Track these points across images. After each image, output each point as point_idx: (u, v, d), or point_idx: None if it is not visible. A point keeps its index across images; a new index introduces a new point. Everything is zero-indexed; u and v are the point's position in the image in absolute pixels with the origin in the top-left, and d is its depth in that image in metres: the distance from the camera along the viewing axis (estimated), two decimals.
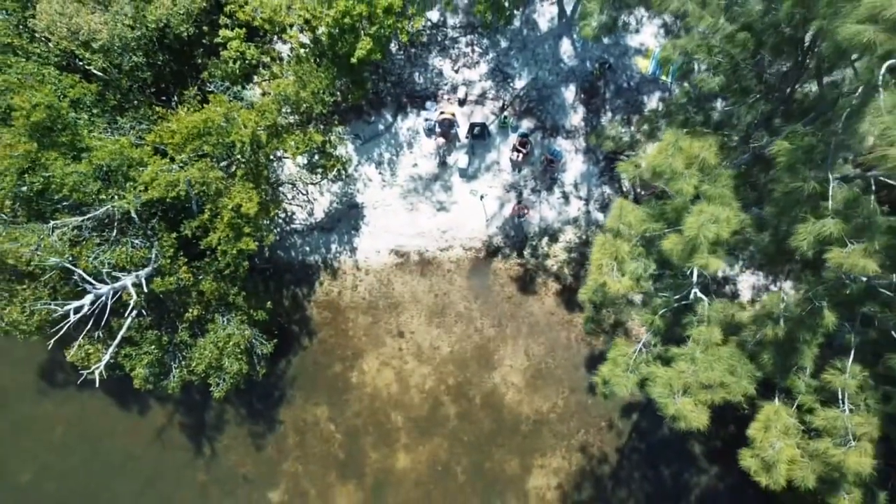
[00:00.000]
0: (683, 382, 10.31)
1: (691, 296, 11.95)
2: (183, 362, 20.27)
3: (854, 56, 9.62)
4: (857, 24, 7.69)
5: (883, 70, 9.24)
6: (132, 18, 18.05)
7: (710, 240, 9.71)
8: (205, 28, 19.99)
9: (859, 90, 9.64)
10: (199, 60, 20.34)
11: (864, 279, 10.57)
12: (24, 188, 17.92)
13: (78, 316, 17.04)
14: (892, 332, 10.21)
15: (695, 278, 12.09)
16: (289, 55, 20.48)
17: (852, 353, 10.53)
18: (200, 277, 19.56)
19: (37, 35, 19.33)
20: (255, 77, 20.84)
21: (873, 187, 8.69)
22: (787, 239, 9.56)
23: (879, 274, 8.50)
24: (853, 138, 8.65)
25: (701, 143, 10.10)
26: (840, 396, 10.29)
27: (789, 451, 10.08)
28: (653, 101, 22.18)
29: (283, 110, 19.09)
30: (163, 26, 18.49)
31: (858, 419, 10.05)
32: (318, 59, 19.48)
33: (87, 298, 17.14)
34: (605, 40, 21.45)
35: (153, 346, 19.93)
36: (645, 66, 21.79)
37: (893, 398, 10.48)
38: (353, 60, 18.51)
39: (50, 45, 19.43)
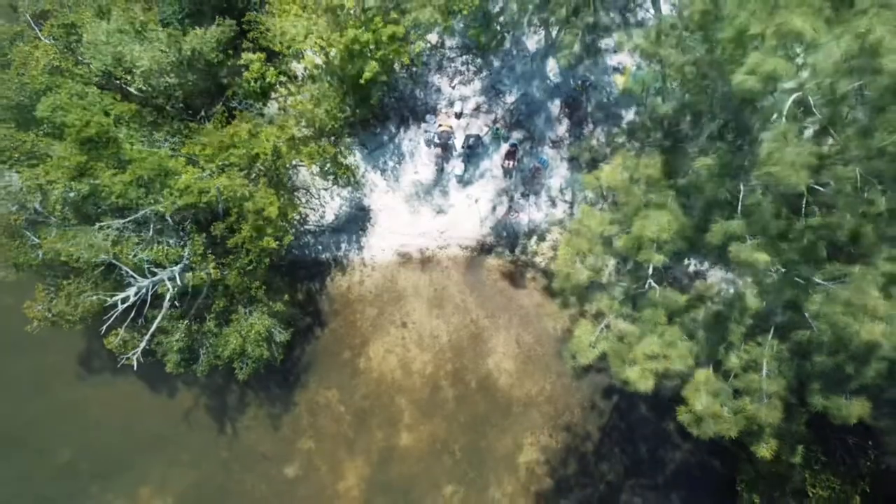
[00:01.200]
0: (633, 354, 12.77)
1: (646, 285, 14.47)
2: (210, 349, 22.81)
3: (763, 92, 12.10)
4: (743, 76, 10.13)
5: (789, 103, 11.73)
6: (167, 45, 20.59)
7: (651, 239, 12.18)
8: (229, 51, 22.53)
9: (771, 118, 12.10)
10: (225, 80, 22.87)
11: (783, 270, 13.04)
12: (72, 194, 20.49)
13: (125, 305, 19.56)
14: (804, 313, 12.65)
15: (650, 270, 14.59)
16: (303, 75, 23.01)
17: (772, 329, 12.96)
18: (226, 273, 22.09)
19: (80, 58, 21.93)
20: (273, 94, 23.38)
21: (769, 197, 11.13)
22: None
23: (769, 265, 10.94)
24: (756, 157, 11.09)
25: (646, 162, 12.57)
26: (760, 365, 12.72)
27: (715, 407, 12.54)
28: (630, 114, 24.65)
29: (300, 125, 21.63)
30: (195, 52, 21.03)
31: (771, 381, 12.47)
32: (330, 79, 22.02)
33: (131, 290, 19.69)
34: (586, 61, 23.92)
35: (183, 335, 22.51)
36: (622, 82, 24.27)
37: (804, 366, 12.91)
38: (362, 81, 21.02)
39: (91, 66, 22.02)
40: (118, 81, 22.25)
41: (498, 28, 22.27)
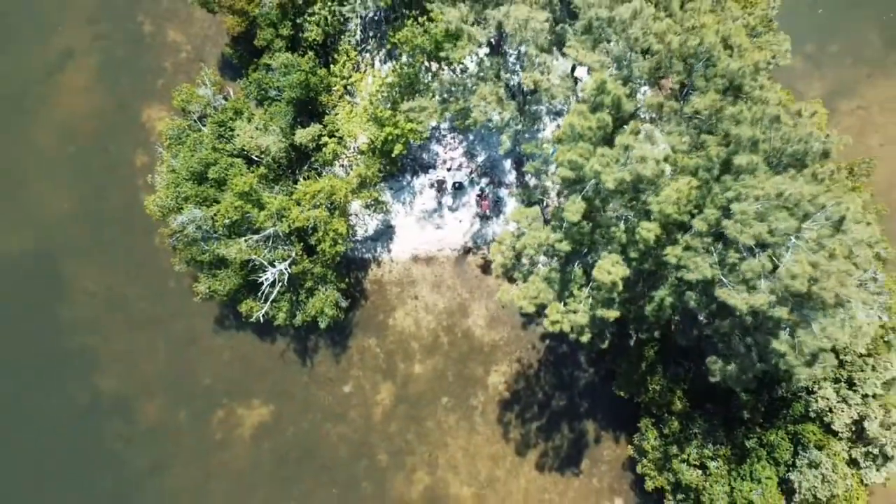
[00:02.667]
0: (522, 293, 28.34)
1: (532, 263, 30.20)
2: (302, 310, 38.52)
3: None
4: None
5: (589, 185, 27.52)
6: (284, 137, 36.51)
7: (531, 245, 27.93)
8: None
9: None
10: (311, 153, 38.73)
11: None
12: (227, 221, 36.31)
13: (268, 285, 35.38)
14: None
15: (538, 258, 30.29)
16: (356, 150, 38.89)
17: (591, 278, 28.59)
18: (313, 265, 37.85)
19: (229, 141, 37.84)
20: (337, 161, 39.28)
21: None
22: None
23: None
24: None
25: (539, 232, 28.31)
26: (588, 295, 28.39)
27: (563, 321, 27.87)
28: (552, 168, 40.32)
29: (356, 179, 37.51)
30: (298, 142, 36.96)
31: (596, 303, 28.00)
32: (373, 153, 37.91)
33: (268, 275, 35.51)
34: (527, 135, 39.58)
35: (287, 303, 38.29)
36: (548, 149, 39.91)
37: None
38: (393, 155, 36.89)
39: (232, 144, 37.89)
40: (247, 152, 38.10)
41: (472, 119, 38.02)
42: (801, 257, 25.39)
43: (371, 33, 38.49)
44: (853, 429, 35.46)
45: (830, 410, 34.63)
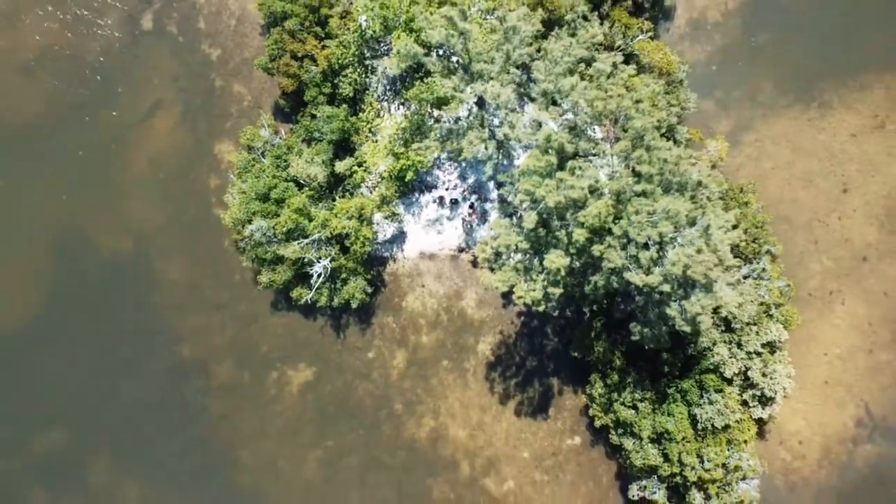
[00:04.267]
0: (499, 278, 41.28)
1: (505, 256, 43.54)
2: (339, 294, 51.74)
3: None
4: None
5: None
6: (325, 167, 49.82)
7: (505, 245, 41.05)
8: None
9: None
10: (345, 178, 52.02)
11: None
12: (286, 228, 49.53)
13: (317, 276, 48.69)
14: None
15: (511, 252, 43.61)
16: (379, 175, 52.23)
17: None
18: (346, 261, 51.11)
19: (285, 170, 51.16)
20: (363, 184, 52.62)
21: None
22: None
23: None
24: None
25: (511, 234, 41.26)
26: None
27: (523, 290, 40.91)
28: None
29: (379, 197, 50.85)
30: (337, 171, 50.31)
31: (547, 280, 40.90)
32: (390, 178, 51.24)
33: (317, 268, 48.81)
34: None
35: (327, 290, 51.55)
36: (516, 178, 53.16)
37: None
38: (405, 180, 50.20)
39: (287, 172, 51.16)
40: (299, 179, 51.32)
41: (464, 153, 51.25)
42: (678, 251, 38.73)
43: (389, 89, 51.82)
44: (742, 378, 48.82)
45: (724, 363, 47.89)
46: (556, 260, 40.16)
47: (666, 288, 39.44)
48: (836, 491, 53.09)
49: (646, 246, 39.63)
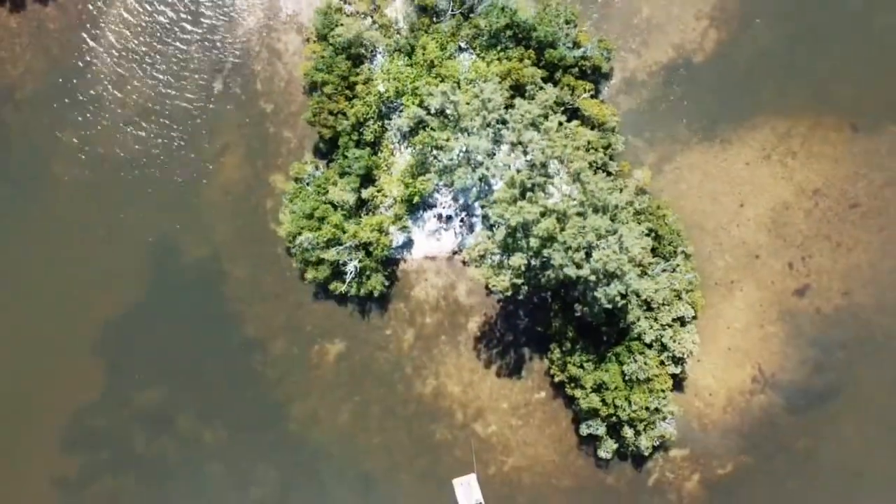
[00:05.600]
0: (485, 272, 59.26)
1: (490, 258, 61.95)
2: (365, 286, 70.01)
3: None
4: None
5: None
6: (352, 192, 68.25)
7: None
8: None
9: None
10: (368, 201, 70.34)
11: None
12: (325, 239, 67.80)
13: (349, 273, 67.08)
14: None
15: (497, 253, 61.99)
16: (394, 199, 70.55)
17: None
18: (370, 262, 69.36)
19: (324, 195, 69.53)
20: (382, 206, 70.97)
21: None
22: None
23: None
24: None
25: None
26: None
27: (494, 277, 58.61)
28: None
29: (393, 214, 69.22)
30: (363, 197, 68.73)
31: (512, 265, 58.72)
32: (402, 201, 69.56)
33: (349, 268, 67.17)
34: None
35: (356, 283, 69.87)
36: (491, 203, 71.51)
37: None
38: (413, 202, 68.53)
39: (326, 197, 69.50)
40: (335, 203, 69.53)
41: (456, 184, 69.38)
42: (600, 253, 57.10)
43: (401, 135, 70.17)
44: (660, 344, 67.10)
45: (644, 333, 66.12)
46: (518, 260, 58.56)
47: (593, 278, 57.85)
48: (737, 430, 71.31)
49: (578, 250, 58.04)
